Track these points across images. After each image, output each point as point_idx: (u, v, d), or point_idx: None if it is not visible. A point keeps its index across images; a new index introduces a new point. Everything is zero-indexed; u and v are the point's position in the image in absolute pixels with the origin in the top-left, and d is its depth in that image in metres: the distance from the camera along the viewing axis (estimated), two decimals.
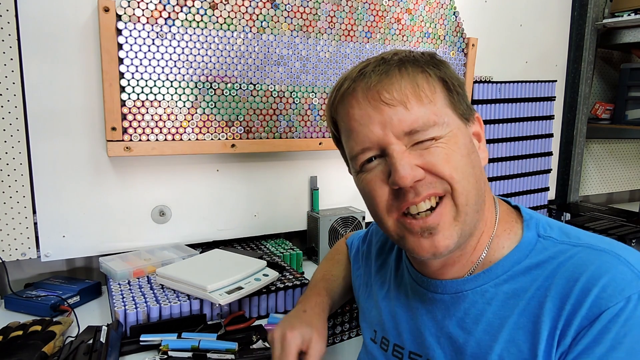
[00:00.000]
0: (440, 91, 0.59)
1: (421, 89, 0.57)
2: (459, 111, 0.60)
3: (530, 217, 0.62)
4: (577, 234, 0.59)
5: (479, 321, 0.58)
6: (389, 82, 0.57)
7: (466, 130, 0.60)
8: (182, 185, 1.27)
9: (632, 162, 2.35)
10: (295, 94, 1.33)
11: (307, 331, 0.72)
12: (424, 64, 0.59)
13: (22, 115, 1.08)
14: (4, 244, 1.11)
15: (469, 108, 0.62)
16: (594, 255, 0.54)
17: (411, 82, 0.57)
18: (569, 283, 0.52)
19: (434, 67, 0.60)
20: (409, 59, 0.59)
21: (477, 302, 0.59)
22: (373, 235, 0.84)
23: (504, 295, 0.57)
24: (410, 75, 0.57)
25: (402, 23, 1.46)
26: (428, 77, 0.58)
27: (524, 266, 0.57)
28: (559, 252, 0.56)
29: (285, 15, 1.28)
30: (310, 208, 1.46)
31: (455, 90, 0.60)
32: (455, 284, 0.61)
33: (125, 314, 0.91)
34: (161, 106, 1.16)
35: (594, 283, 0.50)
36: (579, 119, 1.96)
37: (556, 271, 0.54)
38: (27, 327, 0.89)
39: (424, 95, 0.57)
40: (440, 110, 0.57)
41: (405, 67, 0.58)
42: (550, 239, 0.58)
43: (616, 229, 1.55)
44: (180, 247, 1.24)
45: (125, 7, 1.08)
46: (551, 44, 1.86)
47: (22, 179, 1.11)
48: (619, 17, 1.83)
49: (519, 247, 0.59)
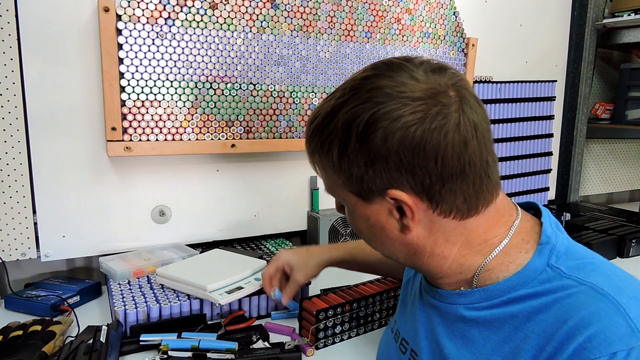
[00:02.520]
0: (330, 173, 0.58)
1: (316, 165, 0.61)
2: (354, 191, 0.56)
3: (547, 241, 0.55)
4: (590, 269, 0.52)
5: (464, 337, 0.58)
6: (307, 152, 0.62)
7: (367, 209, 0.57)
8: (182, 185, 1.27)
9: (632, 162, 2.35)
10: (295, 94, 1.33)
11: (295, 259, 0.93)
12: (314, 146, 0.58)
13: (22, 115, 1.08)
14: (4, 244, 1.11)
15: (369, 191, 0.54)
16: (593, 298, 0.48)
17: (310, 157, 0.61)
18: (557, 323, 0.49)
19: (321, 149, 0.57)
20: (317, 129, 0.57)
21: (466, 318, 0.58)
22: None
23: (493, 317, 0.55)
24: (310, 151, 0.60)
25: (402, 23, 1.46)
26: (317, 159, 0.60)
27: (520, 294, 0.53)
28: (561, 287, 0.51)
29: (285, 15, 1.28)
30: (310, 208, 1.46)
31: (350, 172, 0.54)
32: (449, 296, 0.60)
33: (125, 314, 0.91)
34: (161, 106, 1.16)
35: (581, 330, 0.46)
36: (579, 119, 1.96)
37: (549, 306, 0.50)
38: (27, 327, 0.89)
39: (322, 172, 0.60)
40: (332, 187, 0.60)
41: (309, 143, 0.60)
42: (557, 270, 0.53)
43: (616, 229, 1.55)
44: (180, 247, 1.24)
45: (125, 7, 1.08)
46: (551, 44, 1.86)
47: (22, 179, 1.11)
48: (619, 17, 1.83)
49: (522, 272, 0.54)
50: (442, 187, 0.52)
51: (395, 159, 0.51)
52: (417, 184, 0.52)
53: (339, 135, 0.54)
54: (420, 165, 0.51)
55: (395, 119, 0.50)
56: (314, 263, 0.94)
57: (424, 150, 0.50)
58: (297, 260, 0.95)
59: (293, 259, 0.95)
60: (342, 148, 0.54)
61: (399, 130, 0.50)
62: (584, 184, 2.18)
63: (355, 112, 0.52)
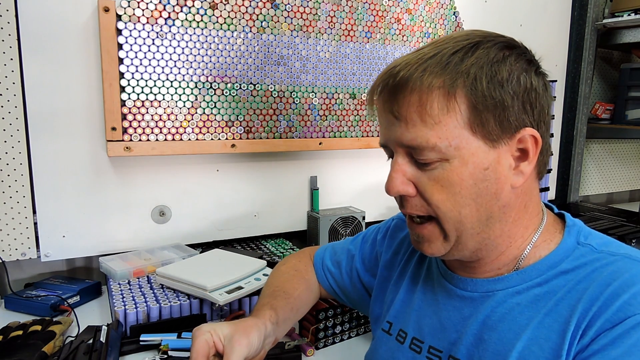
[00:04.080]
0: (461, 110, 0.53)
1: (430, 108, 0.53)
2: (483, 132, 0.54)
3: (573, 223, 0.61)
4: (618, 245, 0.58)
5: (505, 319, 0.57)
6: (400, 96, 0.55)
7: (489, 154, 0.54)
8: (182, 185, 1.27)
9: (632, 162, 2.35)
10: (295, 94, 1.33)
11: (227, 330, 0.62)
12: (453, 74, 0.53)
13: (22, 115, 1.08)
14: (4, 244, 1.11)
15: (505, 127, 0.54)
16: (631, 264, 0.53)
17: (420, 99, 0.54)
18: (600, 287, 0.52)
19: (466, 78, 0.53)
20: (437, 64, 0.54)
21: (505, 301, 0.58)
22: (396, 230, 0.82)
23: (534, 296, 0.57)
24: (423, 91, 0.53)
25: (402, 23, 1.46)
26: (446, 94, 0.53)
27: (558, 270, 0.57)
28: (596, 259, 0.56)
29: (285, 15, 1.28)
30: (310, 208, 1.46)
31: (486, 108, 0.53)
32: (486, 283, 0.61)
33: (125, 314, 0.91)
34: (161, 106, 1.16)
35: (625, 289, 0.50)
36: (579, 119, 1.96)
37: (590, 276, 0.54)
38: (27, 327, 0.89)
39: (429, 117, 0.53)
40: (449, 133, 0.53)
41: (422, 80, 0.53)
42: (588, 246, 0.58)
43: (616, 229, 1.55)
44: (180, 247, 1.24)
45: (125, 7, 1.08)
46: (551, 44, 1.87)
47: (22, 179, 1.11)
48: (619, 17, 1.83)
49: (556, 251, 0.58)
50: (546, 132, 0.58)
51: (525, 98, 0.55)
52: (535, 122, 0.56)
53: (489, 61, 0.54)
54: (538, 105, 0.56)
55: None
56: (249, 325, 0.66)
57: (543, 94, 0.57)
58: (223, 330, 0.64)
59: (215, 331, 0.63)
60: (492, 76, 0.53)
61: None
62: (584, 184, 2.19)
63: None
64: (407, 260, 0.75)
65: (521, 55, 0.56)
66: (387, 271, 0.78)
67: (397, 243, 0.80)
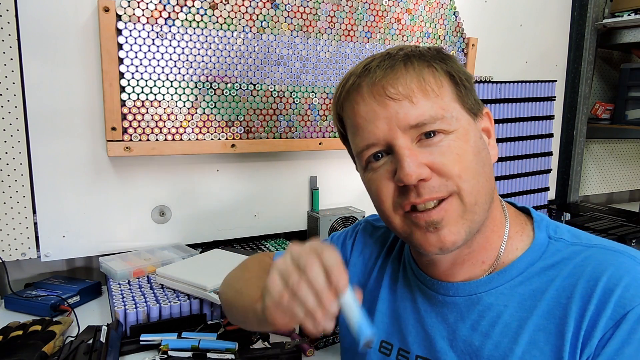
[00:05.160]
0: (448, 85, 0.57)
1: (427, 82, 0.55)
2: (467, 106, 0.58)
3: (541, 218, 0.62)
4: (587, 236, 0.59)
5: (496, 323, 0.56)
6: (394, 76, 0.55)
7: (475, 126, 0.59)
8: (182, 185, 1.27)
9: (632, 162, 2.35)
10: (295, 94, 1.33)
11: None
12: (430, 58, 0.58)
13: (22, 115, 1.08)
14: (4, 244, 1.11)
15: (477, 103, 0.60)
16: (610, 255, 0.54)
17: (417, 76, 0.56)
18: (589, 283, 0.52)
19: (441, 61, 0.58)
20: (414, 54, 0.58)
21: (492, 305, 0.57)
22: (366, 236, 0.78)
23: (520, 296, 0.56)
24: (415, 70, 0.56)
25: (402, 23, 1.46)
26: (434, 71, 0.57)
27: (538, 267, 0.57)
28: (573, 253, 0.56)
29: (285, 15, 1.28)
30: (310, 208, 1.46)
31: (462, 84, 0.58)
32: (468, 287, 0.59)
33: (125, 314, 0.91)
34: (161, 106, 1.16)
35: (616, 283, 0.50)
36: (579, 119, 1.96)
37: (574, 272, 0.54)
38: (27, 327, 0.89)
39: (430, 89, 0.55)
40: (447, 105, 0.56)
41: (411, 61, 0.56)
42: (561, 240, 0.58)
43: (616, 229, 1.55)
44: (180, 247, 1.24)
45: (125, 7, 1.08)
46: (551, 44, 1.86)
47: (22, 179, 1.11)
48: (619, 17, 1.83)
49: (532, 248, 0.58)
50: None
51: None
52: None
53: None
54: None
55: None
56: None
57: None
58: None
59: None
60: (455, 62, 0.60)
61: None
62: (584, 184, 2.19)
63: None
64: (381, 267, 0.72)
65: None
66: (359, 279, 0.73)
67: (369, 249, 0.75)
